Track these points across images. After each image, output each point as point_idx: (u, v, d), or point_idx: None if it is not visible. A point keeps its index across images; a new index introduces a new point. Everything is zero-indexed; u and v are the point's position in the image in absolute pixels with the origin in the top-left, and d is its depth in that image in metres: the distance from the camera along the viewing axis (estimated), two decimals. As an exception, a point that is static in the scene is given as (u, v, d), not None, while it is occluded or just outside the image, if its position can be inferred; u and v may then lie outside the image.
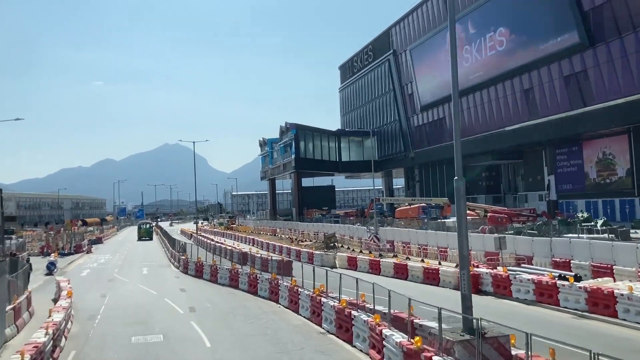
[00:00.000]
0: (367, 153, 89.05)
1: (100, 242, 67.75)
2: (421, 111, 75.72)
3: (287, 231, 71.09)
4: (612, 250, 24.39)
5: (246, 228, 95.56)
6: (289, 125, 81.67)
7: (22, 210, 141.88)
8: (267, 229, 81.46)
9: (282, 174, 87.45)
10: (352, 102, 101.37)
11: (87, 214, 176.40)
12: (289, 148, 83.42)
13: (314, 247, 48.80)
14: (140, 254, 50.76)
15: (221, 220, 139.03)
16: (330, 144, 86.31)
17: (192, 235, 73.48)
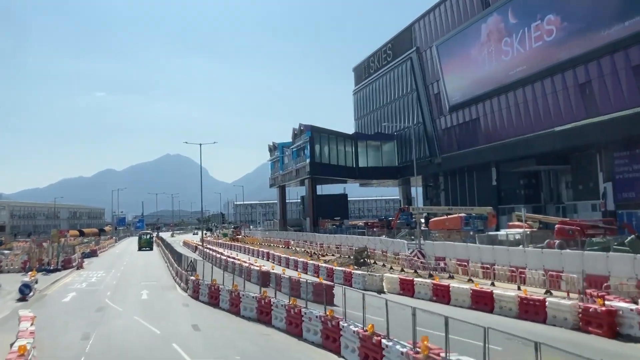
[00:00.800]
0: (386, 159, 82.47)
1: (95, 255, 60.67)
2: (450, 112, 68.94)
3: (302, 243, 64.09)
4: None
5: (254, 239, 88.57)
6: (303, 127, 74.88)
7: (16, 220, 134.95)
8: (278, 240, 74.48)
9: (295, 180, 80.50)
10: (367, 105, 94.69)
11: (85, 223, 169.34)
12: (302, 152, 76.58)
13: (338, 262, 42.02)
14: (139, 269, 43.73)
15: (225, 231, 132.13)
16: (347, 148, 79.48)
17: (197, 247, 66.50)
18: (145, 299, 26.74)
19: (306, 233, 67.85)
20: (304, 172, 74.98)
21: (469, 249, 36.26)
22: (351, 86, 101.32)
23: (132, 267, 46.14)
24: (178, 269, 33.39)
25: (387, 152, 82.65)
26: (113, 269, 43.21)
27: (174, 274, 35.49)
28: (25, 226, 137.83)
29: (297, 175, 78.12)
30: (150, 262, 51.39)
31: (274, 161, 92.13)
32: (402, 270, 36.53)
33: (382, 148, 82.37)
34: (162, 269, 43.63)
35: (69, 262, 42.84)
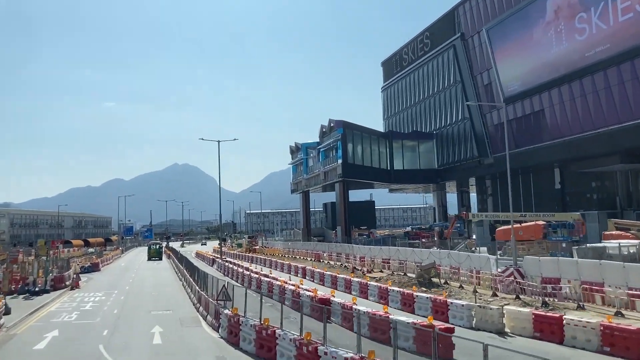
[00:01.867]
0: (424, 160, 73.48)
1: (97, 269, 51.92)
2: (505, 105, 59.87)
3: (335, 256, 55.06)
4: None
5: (274, 250, 79.65)
6: (333, 124, 66.04)
7: (17, 229, 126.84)
8: (304, 252, 65.47)
9: (322, 184, 71.52)
10: (399, 102, 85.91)
11: (91, 233, 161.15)
12: (332, 152, 67.76)
13: (392, 281, 33.19)
14: (148, 290, 34.89)
15: (239, 241, 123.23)
16: (380, 148, 70.58)
17: (215, 260, 57.67)
18: (159, 345, 17.82)
19: (340, 244, 58.77)
20: (334, 174, 66.09)
21: (560, 265, 27.34)
22: (376, 83, 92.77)
23: (140, 286, 37.25)
24: (202, 295, 24.48)
25: (424, 153, 73.70)
26: (116, 290, 34.36)
27: (195, 299, 26.55)
28: (27, 235, 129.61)
29: (326, 179, 69.21)
30: (161, 280, 42.54)
31: (297, 164, 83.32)
32: (494, 294, 27.48)
33: (419, 148, 73.41)
34: (176, 289, 34.80)
35: (60, 280, 34.01)
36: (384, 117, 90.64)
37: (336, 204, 68.25)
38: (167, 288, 35.68)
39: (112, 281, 40.92)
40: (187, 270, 35.57)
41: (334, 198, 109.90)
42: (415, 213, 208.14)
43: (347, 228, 65.09)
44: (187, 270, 35.57)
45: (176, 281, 40.85)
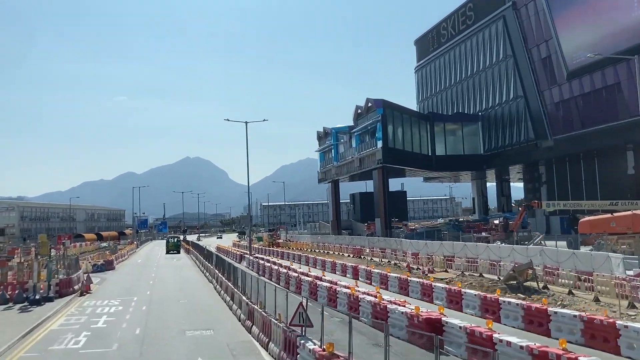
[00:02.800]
0: (469, 145, 66.50)
1: (111, 267, 45.69)
2: (568, 79, 52.82)
3: (379, 252, 48.47)
4: None
5: (301, 245, 73.28)
6: (371, 104, 59.12)
7: (27, 222, 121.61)
8: (338, 246, 58.92)
9: (357, 171, 64.67)
10: (436, 83, 78.88)
11: (104, 226, 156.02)
12: (369, 136, 60.94)
13: (464, 283, 26.96)
14: (173, 295, 28.54)
15: (260, 235, 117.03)
16: (421, 131, 63.68)
17: (243, 257, 51.34)
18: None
19: (384, 239, 52.10)
20: (371, 160, 59.30)
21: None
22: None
23: (163, 289, 30.89)
24: (254, 310, 17.95)
25: (468, 137, 66.73)
26: (135, 296, 28.01)
27: (243, 314, 20.03)
28: (38, 229, 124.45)
29: (361, 166, 62.37)
30: (186, 281, 36.22)
31: (325, 151, 76.57)
32: (631, 305, 20.72)
33: (463, 132, 66.42)
34: (208, 295, 28.51)
35: (67, 284, 27.73)
36: (417, 100, 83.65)
37: (374, 194, 61.39)
38: (196, 293, 29.29)
39: (130, 283, 34.64)
40: (222, 271, 29.15)
41: (362, 188, 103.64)
42: (437, 205, 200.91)
43: (387, 220, 58.32)
44: (222, 271, 29.15)
45: (205, 283, 34.54)
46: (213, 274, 33.59)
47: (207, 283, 33.84)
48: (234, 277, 24.45)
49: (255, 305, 18.00)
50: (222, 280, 27.55)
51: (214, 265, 33.83)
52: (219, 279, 29.43)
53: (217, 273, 30.86)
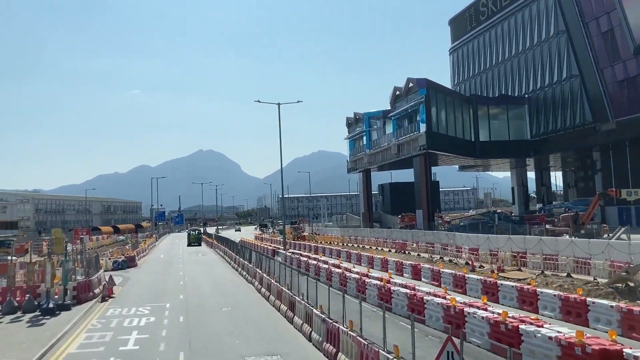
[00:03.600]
0: (515, 130, 61.30)
1: (133, 263, 41.38)
2: (635, 55, 47.38)
3: (427, 247, 43.71)
4: None
5: (330, 238, 68.85)
6: (413, 84, 54.01)
7: (42, 215, 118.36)
8: (374, 240, 54.30)
9: (395, 159, 59.65)
10: (473, 65, 73.58)
11: (120, 219, 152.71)
12: (407, 120, 55.98)
13: (557, 285, 22.52)
14: (213, 301, 24.06)
15: (281, 228, 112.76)
16: (464, 115, 58.59)
17: (276, 252, 46.80)
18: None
19: (432, 232, 47.28)
20: (413, 146, 54.31)
21: None
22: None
23: (198, 293, 26.37)
24: (338, 329, 13.25)
25: (514, 121, 61.45)
26: (167, 302, 23.55)
27: (316, 332, 15.35)
28: (54, 222, 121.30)
29: (400, 153, 57.40)
30: (221, 280, 31.78)
31: (355, 138, 71.66)
32: None
33: (508, 115, 61.13)
34: (252, 299, 24.10)
35: (86, 288, 23.32)
36: (452, 84, 78.30)
37: (414, 183, 56.37)
38: (238, 297, 24.72)
39: (157, 284, 30.22)
40: (269, 273, 24.57)
41: (387, 178, 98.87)
42: (458, 196, 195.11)
43: (431, 212, 53.38)
44: (269, 273, 24.57)
45: (242, 283, 30.09)
46: (253, 273, 29.09)
47: (246, 284, 29.34)
48: (289, 281, 19.88)
49: (340, 324, 13.34)
50: (271, 284, 22.96)
51: (255, 265, 29.28)
52: (264, 281, 24.89)
53: (261, 273, 26.31)
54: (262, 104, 45.07)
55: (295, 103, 46.87)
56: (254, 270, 28.73)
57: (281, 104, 44.95)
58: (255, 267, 28.62)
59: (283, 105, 45.28)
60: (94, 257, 26.77)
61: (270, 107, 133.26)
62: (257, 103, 45.99)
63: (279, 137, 45.17)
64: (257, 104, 46.41)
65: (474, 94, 65.58)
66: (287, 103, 46.14)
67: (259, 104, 45.64)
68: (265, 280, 24.64)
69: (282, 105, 44.71)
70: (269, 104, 45.64)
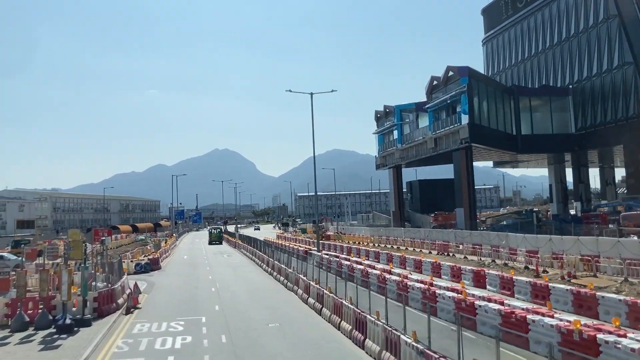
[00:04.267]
0: (558, 123, 57.23)
1: (157, 266, 38.31)
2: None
3: (470, 248, 40.05)
4: None
5: (359, 238, 65.38)
6: (453, 72, 50.28)
7: (60, 214, 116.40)
8: (409, 241, 50.64)
9: (431, 154, 55.84)
10: (508, 55, 69.55)
11: (139, 217, 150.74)
12: (445, 112, 52.26)
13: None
14: (254, 313, 20.86)
15: (303, 227, 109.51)
16: (505, 107, 54.75)
17: (309, 253, 43.43)
18: None
19: (481, 232, 43.52)
20: (452, 140, 50.57)
21: None
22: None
23: (235, 303, 23.10)
24: None
25: (557, 114, 57.41)
26: (202, 313, 20.33)
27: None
28: (71, 220, 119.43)
29: (437, 147, 53.65)
30: (256, 286, 28.58)
31: (385, 133, 68.02)
32: None
33: (551, 107, 57.10)
34: (300, 311, 20.81)
35: (109, 298, 20.15)
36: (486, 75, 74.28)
37: (454, 180, 52.48)
38: (284, 309, 21.35)
39: (187, 291, 27.02)
40: (327, 288, 21.21)
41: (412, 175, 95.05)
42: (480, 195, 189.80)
43: (472, 211, 49.60)
44: (327, 288, 21.21)
45: (280, 288, 26.88)
46: (294, 279, 25.77)
47: (286, 291, 26.04)
48: (351, 294, 16.45)
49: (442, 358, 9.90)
50: (324, 295, 19.58)
51: (298, 270, 25.95)
52: (312, 290, 21.54)
53: (306, 281, 22.97)
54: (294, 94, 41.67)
55: (329, 92, 43.39)
56: (296, 276, 25.43)
57: (314, 94, 41.60)
58: (298, 273, 25.29)
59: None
60: (117, 262, 23.57)
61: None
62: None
63: (312, 128, 41.95)
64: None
65: (515, 85, 61.55)
66: (320, 92, 42.66)
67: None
68: (314, 290, 21.28)
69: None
70: (301, 93, 42.33)
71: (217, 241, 76.88)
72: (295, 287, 25.10)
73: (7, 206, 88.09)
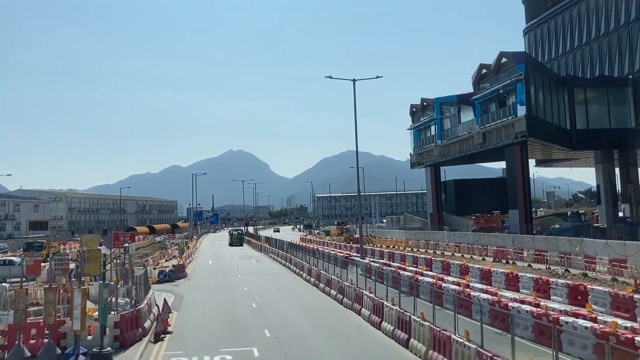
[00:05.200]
0: (615, 116, 52.02)
1: (182, 274, 33.97)
2: None
3: (531, 255, 35.23)
4: None
5: (391, 242, 60.71)
6: (507, 58, 45.29)
7: (76, 214, 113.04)
8: (452, 246, 45.81)
9: (478, 150, 50.90)
10: (554, 45, 64.29)
11: (156, 218, 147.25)
12: (495, 103, 47.36)
13: None
14: (317, 343, 16.31)
15: (327, 229, 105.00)
16: (559, 98, 49.75)
17: (350, 259, 38.82)
18: None
19: (547, 237, 38.44)
20: (505, 134, 45.63)
21: None
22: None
23: (288, 326, 18.58)
24: None
25: (615, 107, 52.22)
26: (250, 343, 15.90)
27: None
28: (87, 222, 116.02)
29: (486, 143, 48.70)
30: (304, 299, 24.19)
31: (421, 128, 63.24)
32: None
33: (609, 99, 51.93)
34: (378, 342, 16.26)
35: (133, 323, 15.73)
36: (528, 68, 69.14)
37: (507, 179, 47.62)
38: (354, 338, 16.79)
39: (222, 307, 22.60)
40: (420, 315, 16.65)
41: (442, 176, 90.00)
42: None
43: (528, 213, 44.60)
44: (420, 315, 16.65)
45: (336, 306, 22.31)
46: (355, 297, 21.22)
47: (347, 310, 21.44)
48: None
49: None
50: (411, 323, 14.99)
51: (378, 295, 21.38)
52: (390, 316, 16.95)
53: (379, 301, 18.41)
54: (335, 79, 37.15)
55: (374, 78, 38.69)
56: (357, 291, 20.89)
57: (357, 80, 37.02)
58: (359, 288, 20.74)
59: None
60: (142, 272, 19.09)
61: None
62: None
63: (354, 116, 37.24)
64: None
65: (568, 74, 56.38)
66: (364, 79, 38.13)
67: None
68: (395, 314, 16.67)
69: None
70: (343, 79, 37.78)
71: (238, 243, 75.86)
72: (356, 306, 20.55)
73: (21, 206, 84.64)
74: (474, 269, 29.76)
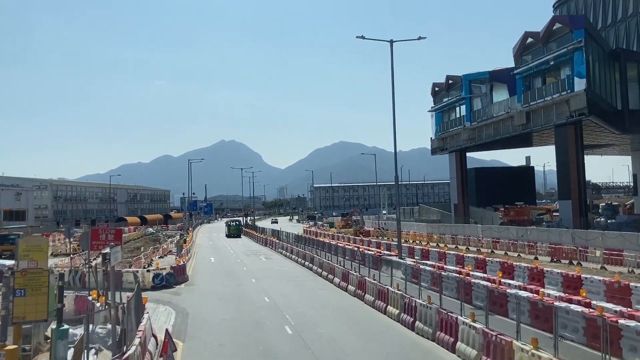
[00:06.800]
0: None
1: (183, 277, 27.41)
2: None
3: (593, 254, 29.23)
4: None
5: (411, 236, 54.71)
6: (562, 24, 38.87)
7: (62, 203, 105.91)
8: (488, 241, 39.79)
9: (519, 132, 44.50)
10: (592, 20, 58.03)
11: (147, 208, 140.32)
12: (541, 78, 41.06)
13: None
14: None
15: (331, 220, 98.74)
16: (610, 74, 43.57)
17: (383, 258, 32.52)
18: None
19: (622, 234, 32.21)
20: (557, 112, 39.34)
21: None
22: None
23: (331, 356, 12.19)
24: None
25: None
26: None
27: None
28: (74, 211, 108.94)
29: (530, 124, 42.38)
30: (352, 318, 17.73)
31: (446, 110, 56.87)
32: None
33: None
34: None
35: None
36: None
37: (557, 165, 41.23)
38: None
39: (245, 328, 16.25)
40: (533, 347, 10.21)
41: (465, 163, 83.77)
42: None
43: (583, 204, 38.41)
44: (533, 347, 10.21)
45: (390, 323, 15.94)
46: (437, 323, 14.90)
47: (401, 328, 15.14)
48: None
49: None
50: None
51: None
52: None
53: (483, 330, 12.06)
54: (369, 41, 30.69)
55: (416, 40, 32.20)
56: (444, 316, 14.59)
57: (395, 41, 30.61)
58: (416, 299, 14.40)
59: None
60: (133, 294, 12.55)
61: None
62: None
63: (392, 84, 30.89)
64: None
65: (620, 47, 50.08)
66: (403, 40, 31.61)
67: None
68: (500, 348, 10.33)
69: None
70: (378, 40, 31.29)
71: (236, 234, 72.86)
72: (442, 336, 14.25)
73: (1, 194, 77.67)
74: (554, 273, 23.48)
